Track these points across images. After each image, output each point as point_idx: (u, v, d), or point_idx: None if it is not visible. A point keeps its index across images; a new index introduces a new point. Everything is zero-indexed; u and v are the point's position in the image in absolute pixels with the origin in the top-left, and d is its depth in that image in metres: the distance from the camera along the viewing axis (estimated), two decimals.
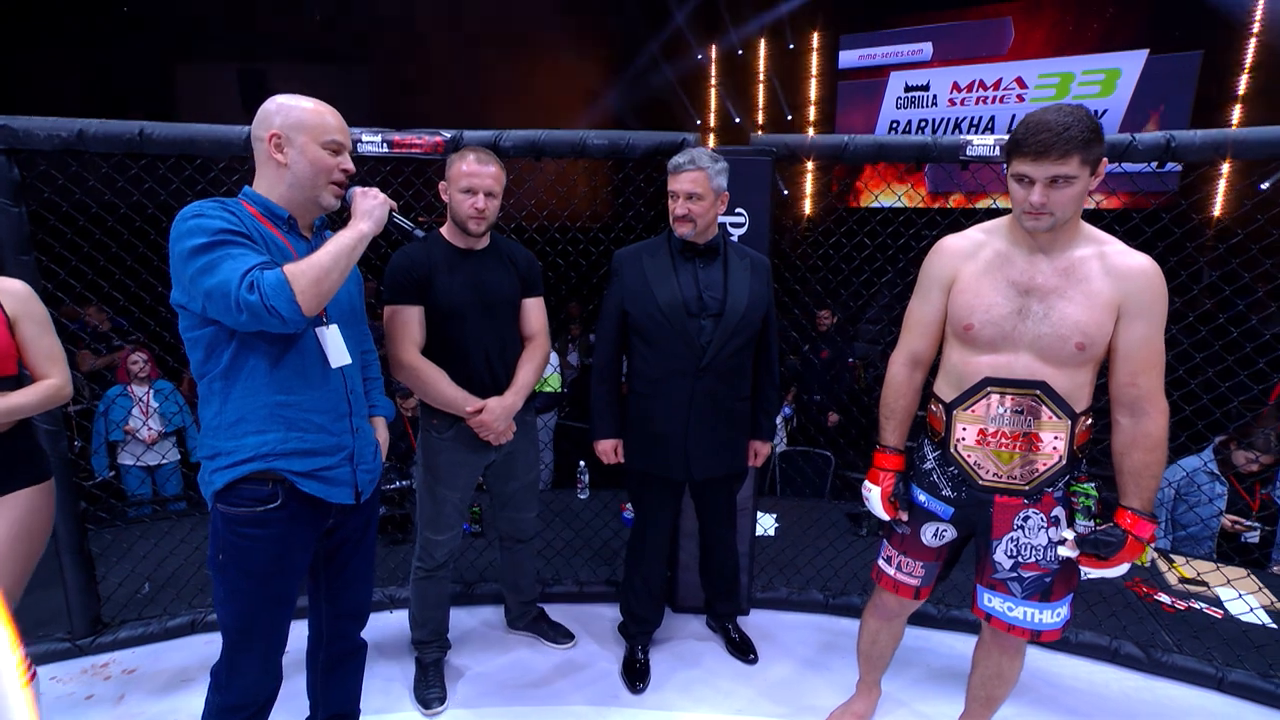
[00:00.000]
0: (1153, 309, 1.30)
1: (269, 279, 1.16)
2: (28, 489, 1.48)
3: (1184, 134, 1.78)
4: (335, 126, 1.32)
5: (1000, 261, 1.37)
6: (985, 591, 1.49)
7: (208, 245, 1.18)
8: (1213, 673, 2.02)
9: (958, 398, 1.42)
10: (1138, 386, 1.32)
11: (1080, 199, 1.25)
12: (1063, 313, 1.30)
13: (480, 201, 1.69)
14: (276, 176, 1.31)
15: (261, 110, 1.30)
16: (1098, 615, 2.26)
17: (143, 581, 2.37)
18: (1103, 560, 1.34)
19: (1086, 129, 1.20)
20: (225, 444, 1.27)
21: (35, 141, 1.80)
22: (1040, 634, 1.45)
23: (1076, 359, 1.31)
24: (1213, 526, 2.86)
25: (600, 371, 1.94)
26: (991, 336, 1.36)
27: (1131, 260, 1.31)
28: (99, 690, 1.97)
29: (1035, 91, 7.04)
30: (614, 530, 2.75)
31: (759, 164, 2.07)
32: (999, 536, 1.44)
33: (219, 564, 1.30)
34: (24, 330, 1.47)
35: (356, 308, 1.48)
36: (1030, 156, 1.22)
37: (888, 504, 1.54)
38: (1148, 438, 1.33)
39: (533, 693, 1.98)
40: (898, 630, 1.76)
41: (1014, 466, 1.39)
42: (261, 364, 1.26)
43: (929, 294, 1.47)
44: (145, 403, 3.60)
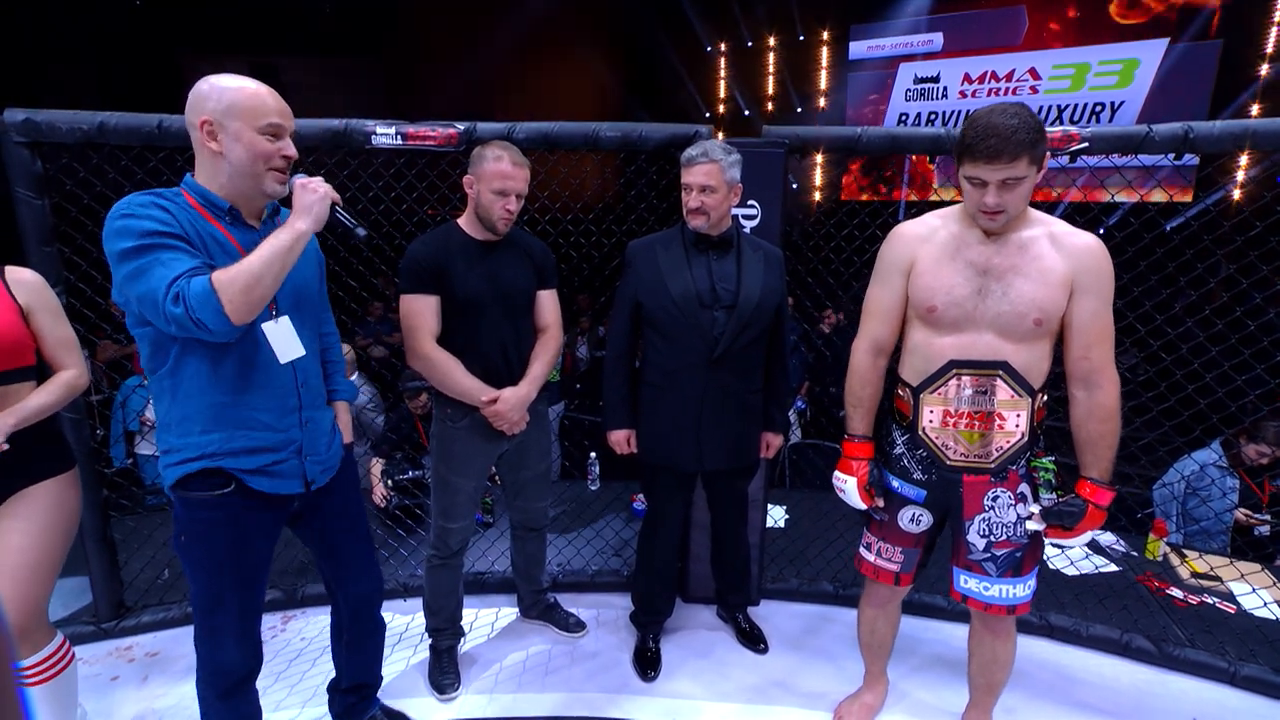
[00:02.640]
0: (1101, 285, 1.36)
1: (194, 290, 1.11)
2: (55, 478, 1.51)
3: (1202, 125, 1.77)
4: (273, 109, 1.24)
5: (957, 244, 1.42)
6: (961, 573, 1.54)
7: (136, 250, 1.13)
8: (1225, 667, 2.02)
9: (924, 381, 1.46)
10: (1090, 360, 1.38)
11: (1029, 194, 1.32)
12: (1020, 290, 1.36)
13: (512, 204, 1.71)
14: (214, 165, 1.24)
15: (193, 93, 1.22)
16: (1109, 609, 2.26)
17: (162, 568, 2.42)
18: (1067, 530, 1.41)
19: (1032, 129, 1.25)
20: (175, 441, 1.29)
21: (58, 134, 1.82)
22: (1014, 608, 1.51)
23: (1034, 334, 1.37)
24: (1226, 521, 2.85)
25: (613, 362, 1.95)
26: (955, 317, 1.41)
27: (1080, 239, 1.37)
28: (124, 672, 2.02)
29: (1049, 83, 6.94)
30: (625, 521, 2.77)
31: (771, 156, 2.07)
32: (970, 517, 1.49)
33: (181, 545, 1.33)
34: (38, 320, 1.49)
35: (312, 292, 1.45)
36: (983, 160, 1.27)
37: (864, 493, 1.56)
38: (1101, 408, 1.38)
39: (545, 680, 2.00)
40: (894, 616, 1.79)
41: (979, 445, 1.44)
42: (204, 365, 1.25)
43: (889, 279, 1.50)
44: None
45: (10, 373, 1.44)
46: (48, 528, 1.48)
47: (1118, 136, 1.83)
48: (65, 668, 1.57)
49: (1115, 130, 1.84)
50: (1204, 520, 2.88)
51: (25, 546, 1.44)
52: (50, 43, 6.76)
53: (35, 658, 1.50)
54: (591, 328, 5.78)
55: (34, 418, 1.43)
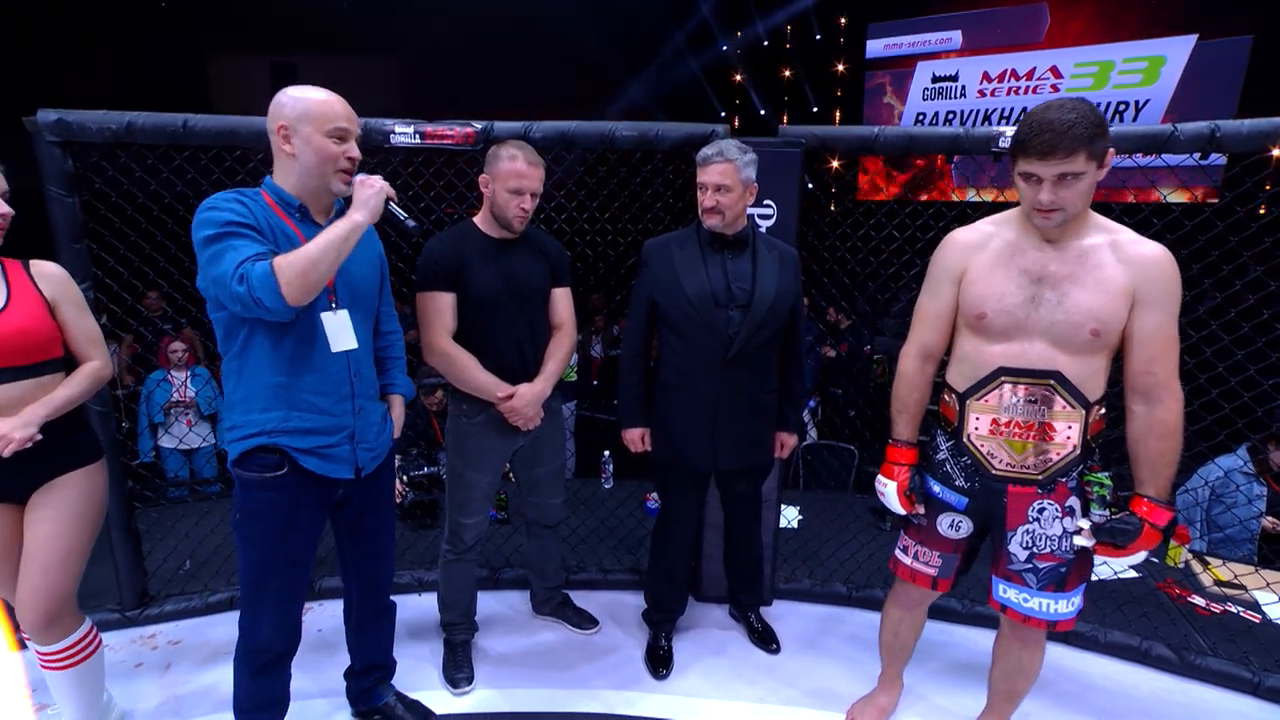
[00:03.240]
0: (1166, 297, 1.30)
1: (257, 271, 1.21)
2: (83, 469, 1.55)
3: (1230, 123, 1.73)
4: (341, 114, 1.35)
5: (1011, 251, 1.37)
6: (1000, 582, 1.49)
7: (214, 237, 1.25)
8: (1249, 677, 1.98)
9: (971, 387, 1.42)
10: (1153, 374, 1.32)
11: (1089, 192, 1.26)
12: (1076, 299, 1.31)
13: (527, 202, 1.74)
14: (288, 166, 1.36)
15: (273, 102, 1.35)
16: (1127, 615, 2.22)
17: (184, 559, 2.47)
18: (1119, 549, 1.34)
19: (1091, 124, 1.20)
20: (239, 418, 1.39)
21: (88, 134, 1.87)
22: (1055, 624, 1.46)
23: (1091, 346, 1.32)
24: (1252, 528, 2.79)
25: (628, 361, 1.96)
26: (1005, 325, 1.36)
27: (1145, 248, 1.31)
28: (147, 659, 2.06)
29: (1071, 81, 6.82)
30: (638, 519, 2.78)
31: (788, 155, 2.06)
32: (1013, 527, 1.44)
33: (237, 522, 1.43)
34: (64, 313, 1.53)
35: (372, 290, 1.53)
36: (1036, 156, 1.23)
37: (904, 498, 1.54)
38: (1162, 425, 1.32)
39: (558, 675, 2.02)
40: (919, 620, 1.76)
41: (1027, 456, 1.39)
42: (267, 347, 1.35)
43: (939, 287, 1.48)
44: (184, 388, 3.72)
45: (40, 365, 1.47)
46: (77, 517, 1.52)
47: (1141, 136, 1.81)
48: (93, 653, 1.61)
49: (1138, 129, 1.81)
50: (1229, 528, 2.82)
51: (55, 534, 1.49)
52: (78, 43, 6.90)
53: (64, 642, 1.54)
54: (606, 326, 5.79)
55: (63, 409, 1.47)
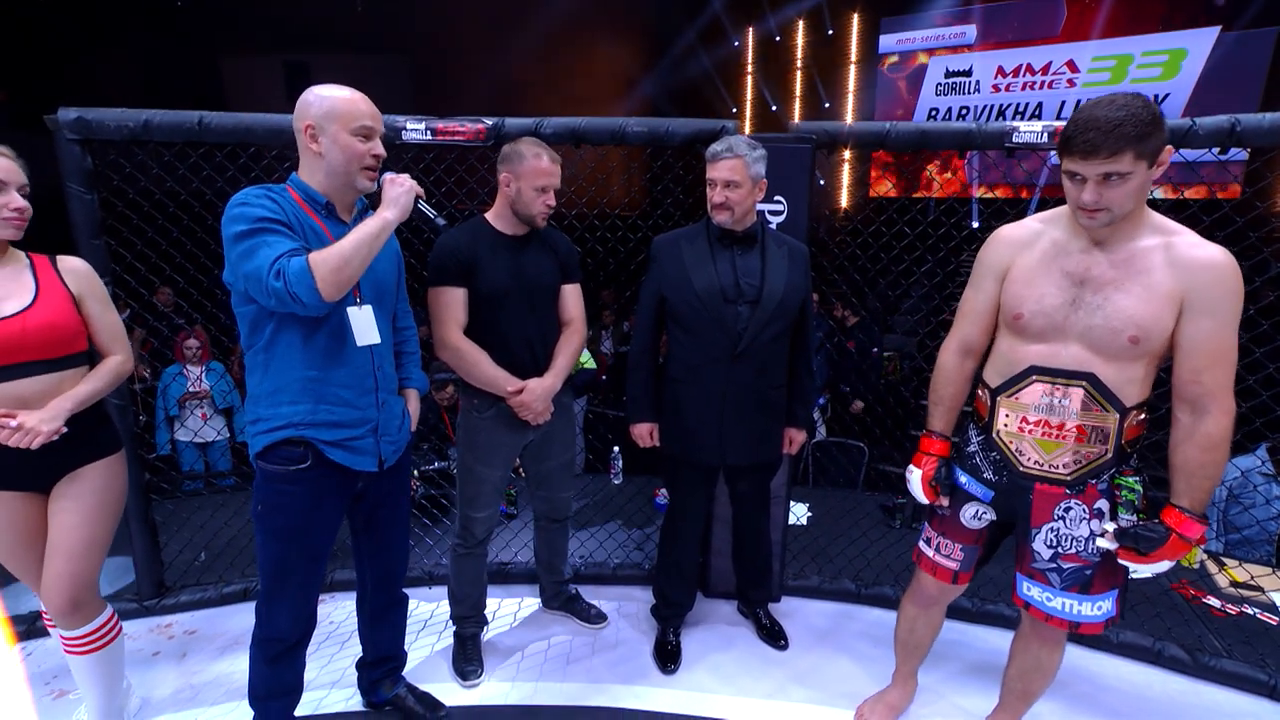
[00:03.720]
0: (1222, 304, 1.24)
1: (293, 266, 1.24)
2: (104, 460, 1.58)
3: (1250, 117, 1.70)
4: (366, 113, 1.37)
5: (1056, 251, 1.35)
6: (1024, 580, 1.48)
7: (248, 232, 1.27)
8: (1265, 679, 1.95)
9: (1003, 384, 1.42)
10: (1201, 384, 1.27)
11: (1139, 193, 1.21)
12: (1118, 305, 1.27)
13: (552, 199, 1.77)
14: (314, 164, 1.39)
15: (300, 101, 1.37)
16: (1141, 616, 2.20)
17: (200, 550, 2.51)
18: (1142, 555, 1.31)
19: (1141, 123, 1.15)
20: (265, 411, 1.41)
21: (106, 131, 1.90)
22: (1079, 626, 1.43)
23: (1129, 352, 1.28)
24: (1270, 530, 2.75)
25: (638, 356, 1.96)
26: (1041, 327, 1.34)
27: (1201, 252, 1.25)
28: (164, 648, 2.10)
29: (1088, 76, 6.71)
30: (647, 515, 2.79)
31: (799, 151, 2.06)
32: (1038, 525, 1.43)
33: (258, 514, 1.45)
34: (88, 307, 1.56)
35: (390, 287, 1.56)
36: (1079, 155, 1.20)
37: (928, 488, 1.54)
38: (1206, 437, 1.28)
39: (566, 669, 2.03)
40: (936, 619, 1.74)
41: (1056, 456, 1.37)
42: (296, 341, 1.37)
43: (982, 283, 1.46)
44: (199, 382, 3.78)
45: (66, 359, 1.50)
46: (98, 507, 1.55)
47: None
48: (114, 639, 1.65)
49: None
50: (1246, 529, 2.78)
51: (78, 524, 1.52)
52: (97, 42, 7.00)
53: (87, 628, 1.58)
54: (616, 323, 5.80)
55: (87, 402, 1.50)
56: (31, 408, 1.42)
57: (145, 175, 2.10)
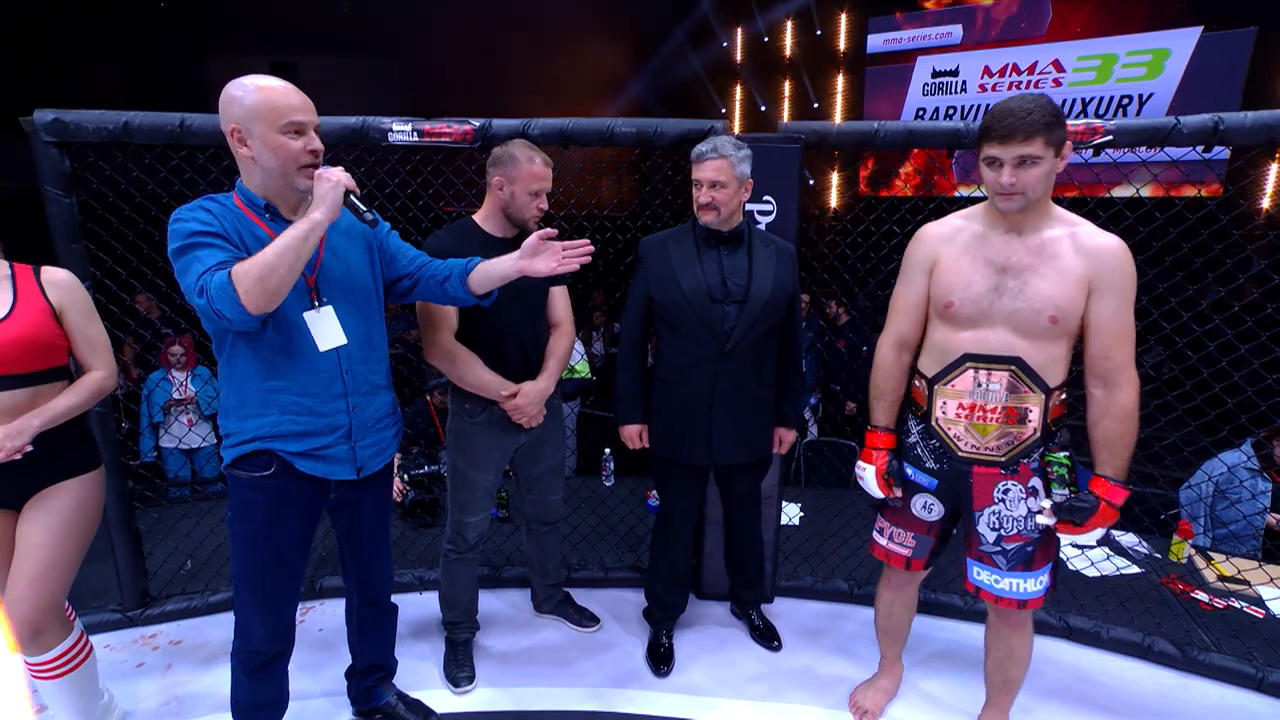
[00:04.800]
0: (1122, 286, 1.37)
1: (215, 282, 1.18)
2: (78, 478, 1.53)
3: (1233, 116, 1.72)
4: (295, 106, 1.26)
5: (978, 242, 1.46)
6: (974, 564, 1.57)
7: (181, 249, 1.23)
8: (1253, 673, 1.97)
9: (939, 372, 1.50)
10: (1110, 359, 1.39)
11: (1047, 179, 1.34)
12: (1037, 288, 1.38)
13: (544, 202, 1.77)
14: (249, 169, 1.31)
15: (221, 99, 1.26)
16: (1130, 611, 2.22)
17: (185, 559, 2.47)
18: (1078, 526, 1.42)
19: (1049, 113, 1.30)
20: (232, 425, 1.38)
21: (84, 134, 1.86)
22: (1025, 603, 1.52)
23: (1050, 333, 1.39)
24: (1256, 524, 2.78)
25: (626, 357, 1.95)
26: (970, 313, 1.44)
27: (1102, 240, 1.38)
28: (148, 659, 2.07)
29: (1073, 75, 6.77)
30: (639, 517, 2.78)
31: (787, 151, 2.05)
32: (980, 508, 1.52)
33: (229, 520, 1.43)
34: (70, 320, 1.51)
35: (364, 278, 1.46)
36: (998, 140, 1.32)
37: (882, 482, 1.61)
38: (1120, 408, 1.39)
39: (559, 673, 2.01)
40: (910, 601, 1.80)
41: (990, 439, 1.47)
42: (253, 351, 1.33)
43: (912, 278, 1.56)
44: (184, 389, 3.73)
45: (43, 373, 1.47)
46: (66, 526, 1.50)
47: (1143, 129, 1.79)
48: (83, 662, 1.59)
49: (1141, 123, 1.80)
50: (1233, 523, 2.81)
51: (42, 544, 1.47)
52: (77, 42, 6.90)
53: (52, 653, 1.52)
54: (606, 324, 5.79)
55: (61, 419, 1.46)
56: (3, 422, 1.38)
57: (126, 178, 2.07)
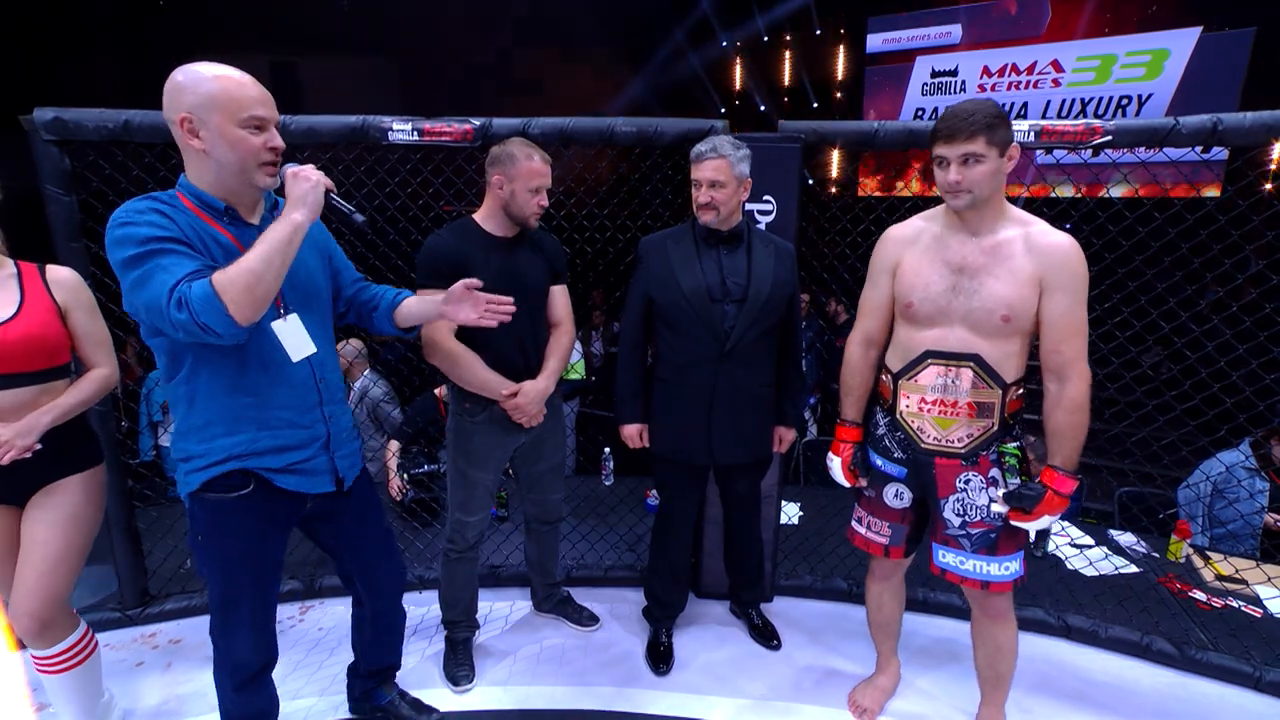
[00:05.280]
0: (1072, 283, 1.42)
1: (196, 293, 1.07)
2: (81, 474, 1.54)
3: (1232, 116, 1.72)
4: (255, 99, 1.16)
5: (937, 245, 1.52)
6: (939, 548, 1.62)
7: (137, 258, 1.10)
8: (1250, 671, 1.98)
9: (903, 368, 1.57)
10: (1061, 354, 1.45)
11: (993, 177, 1.40)
12: (990, 288, 1.45)
13: (545, 199, 1.76)
14: (200, 162, 1.18)
15: (168, 85, 1.14)
16: (1128, 610, 2.22)
17: (185, 558, 2.47)
18: (1026, 513, 1.47)
19: (990, 115, 1.37)
20: (197, 447, 1.27)
21: (84, 132, 1.86)
22: (989, 585, 1.57)
23: (1004, 331, 1.45)
24: (1254, 524, 2.78)
25: (626, 357, 1.96)
26: (929, 313, 1.51)
27: (1052, 238, 1.44)
28: (148, 658, 2.07)
29: (1072, 75, 6.77)
30: (639, 516, 2.78)
31: (787, 151, 2.06)
32: (944, 496, 1.58)
33: (198, 544, 1.33)
34: (75, 319, 1.52)
35: (319, 285, 1.40)
36: (944, 140, 1.40)
37: (848, 472, 1.69)
38: (1070, 400, 1.45)
39: (558, 672, 2.02)
40: (897, 591, 1.84)
41: (952, 431, 1.53)
42: (223, 366, 1.23)
43: (878, 280, 1.63)
44: None
45: (48, 371, 1.47)
46: (72, 521, 1.51)
47: (1142, 129, 1.80)
48: (88, 657, 1.60)
49: (1140, 123, 1.80)
50: (1231, 523, 2.82)
51: (48, 539, 1.48)
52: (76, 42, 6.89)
53: (58, 647, 1.54)
54: (606, 324, 5.79)
55: (68, 415, 1.47)
56: (9, 421, 1.39)
57: (126, 177, 2.07)
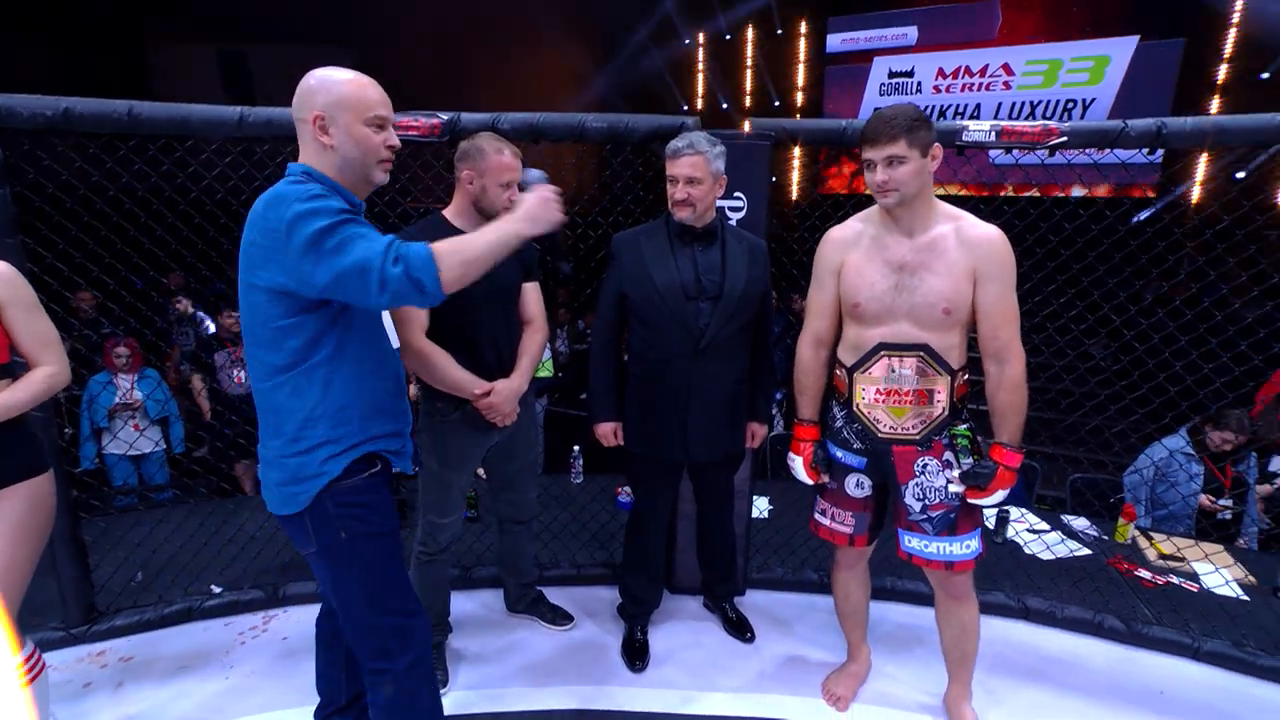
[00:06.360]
0: (1002, 271, 1.50)
1: (415, 252, 1.15)
2: (28, 481, 1.45)
3: (1174, 120, 1.81)
4: (378, 100, 1.26)
5: (877, 245, 1.59)
6: (904, 534, 1.67)
7: (335, 226, 1.14)
8: (1189, 643, 2.10)
9: (856, 362, 1.63)
10: (999, 339, 1.53)
11: (917, 176, 1.47)
12: (930, 284, 1.52)
13: (515, 194, 1.71)
14: (325, 158, 1.26)
15: (302, 88, 1.25)
16: (1082, 591, 2.33)
17: (136, 570, 2.35)
18: (982, 490, 1.55)
19: (910, 118, 1.44)
20: (329, 432, 1.27)
21: (17, 120, 1.75)
22: (953, 565, 1.64)
23: (946, 323, 1.53)
24: (1191, 505, 2.95)
25: (599, 355, 1.94)
26: (876, 310, 1.57)
27: (981, 231, 1.51)
28: (96, 678, 1.96)
29: (1022, 79, 7.04)
30: (610, 513, 2.78)
31: (757, 148, 2.08)
32: (904, 482, 1.64)
33: (341, 541, 1.29)
34: (11, 316, 1.43)
35: None
36: (868, 143, 1.48)
37: (810, 470, 1.74)
38: (1010, 380, 1.54)
39: (533, 673, 2.00)
40: (863, 579, 1.89)
41: (905, 419, 1.60)
42: (360, 350, 1.29)
43: (823, 281, 1.69)
44: (130, 393, 3.54)
45: None
46: (18, 530, 1.42)
47: (1094, 131, 1.88)
48: (35, 678, 1.51)
49: (1092, 125, 1.88)
50: (1171, 504, 2.98)
51: None
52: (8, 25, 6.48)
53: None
54: (571, 321, 5.75)
55: (9, 414, 1.38)
56: None
57: (66, 168, 1.95)
